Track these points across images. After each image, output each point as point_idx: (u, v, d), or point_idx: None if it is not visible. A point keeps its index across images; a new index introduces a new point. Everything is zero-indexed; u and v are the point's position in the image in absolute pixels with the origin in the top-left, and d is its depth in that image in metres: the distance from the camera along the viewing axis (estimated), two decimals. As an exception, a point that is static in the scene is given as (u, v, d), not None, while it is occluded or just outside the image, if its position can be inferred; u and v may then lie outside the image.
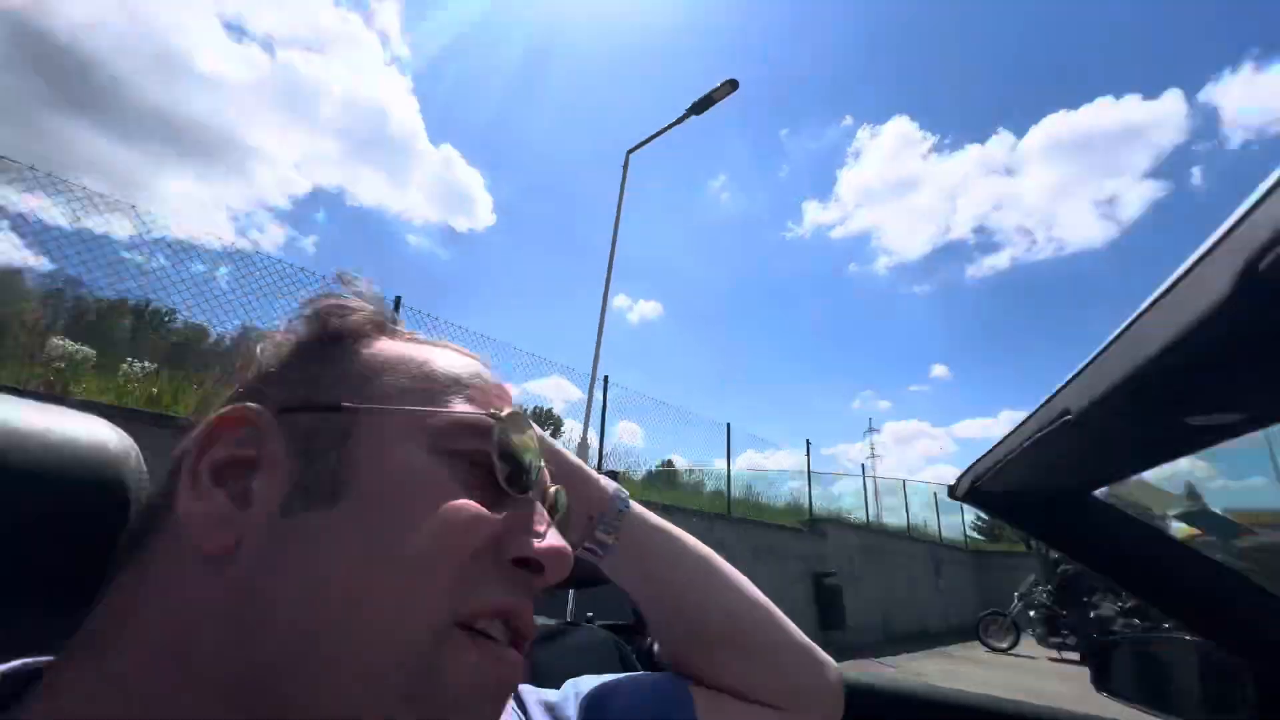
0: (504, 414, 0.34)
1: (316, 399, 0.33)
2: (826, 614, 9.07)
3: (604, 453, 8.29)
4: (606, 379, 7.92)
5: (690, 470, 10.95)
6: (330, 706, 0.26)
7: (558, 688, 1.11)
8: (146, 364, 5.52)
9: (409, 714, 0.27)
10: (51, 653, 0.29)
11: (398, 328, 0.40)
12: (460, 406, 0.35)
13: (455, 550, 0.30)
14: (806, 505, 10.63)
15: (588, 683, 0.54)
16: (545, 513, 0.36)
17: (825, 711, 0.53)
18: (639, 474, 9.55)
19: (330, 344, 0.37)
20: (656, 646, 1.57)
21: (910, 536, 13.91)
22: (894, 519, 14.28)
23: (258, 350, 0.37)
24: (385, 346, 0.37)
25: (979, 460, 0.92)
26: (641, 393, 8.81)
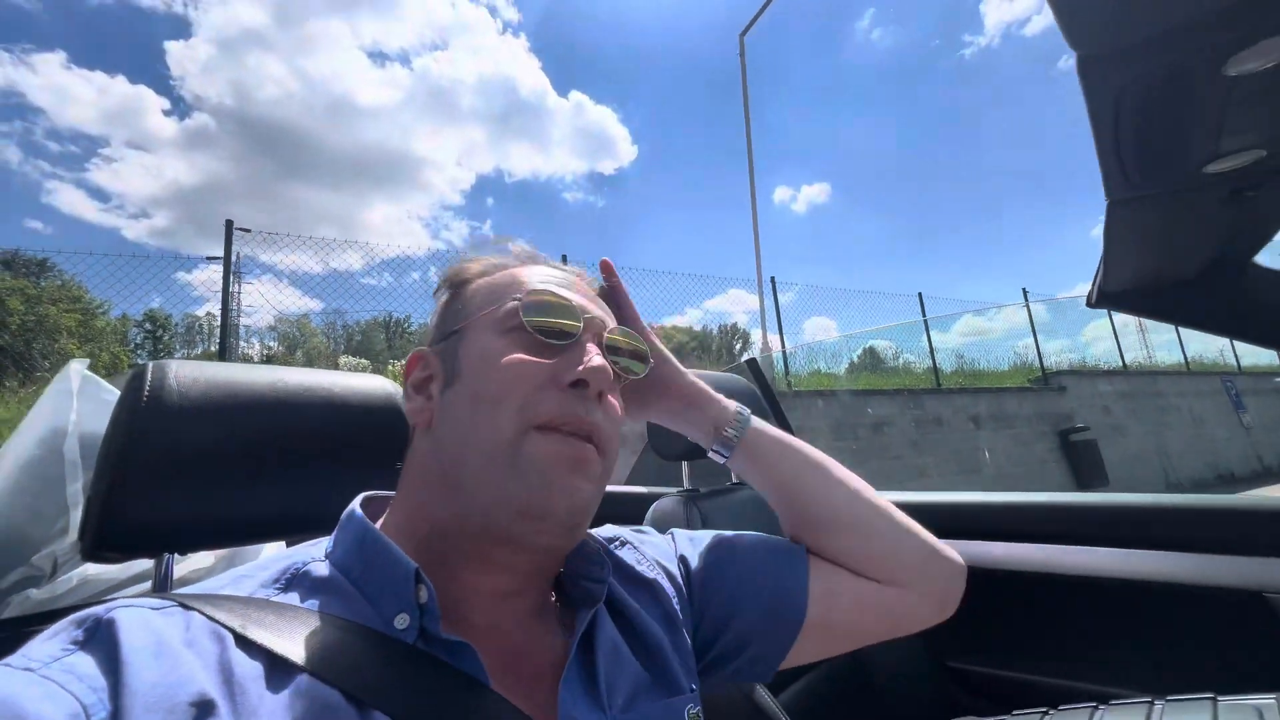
0: (524, 296, 0.49)
1: (443, 330, 0.53)
2: (1082, 473, 8.13)
3: (788, 352, 8.25)
4: (774, 280, 7.79)
5: (896, 351, 10.32)
6: (474, 480, 0.44)
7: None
8: (402, 362, 7.02)
9: (514, 479, 0.43)
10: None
11: (512, 263, 0.56)
12: (510, 303, 0.50)
13: (516, 384, 0.45)
14: (1035, 363, 9.40)
15: (703, 535, 0.66)
16: (594, 349, 0.49)
17: (937, 587, 0.61)
18: (841, 367, 9.30)
19: (454, 296, 0.55)
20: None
21: (1192, 372, 11.48)
22: (1168, 356, 11.86)
23: (430, 321, 0.59)
24: (484, 282, 0.54)
25: (1110, 256, 0.88)
26: (818, 284, 8.49)
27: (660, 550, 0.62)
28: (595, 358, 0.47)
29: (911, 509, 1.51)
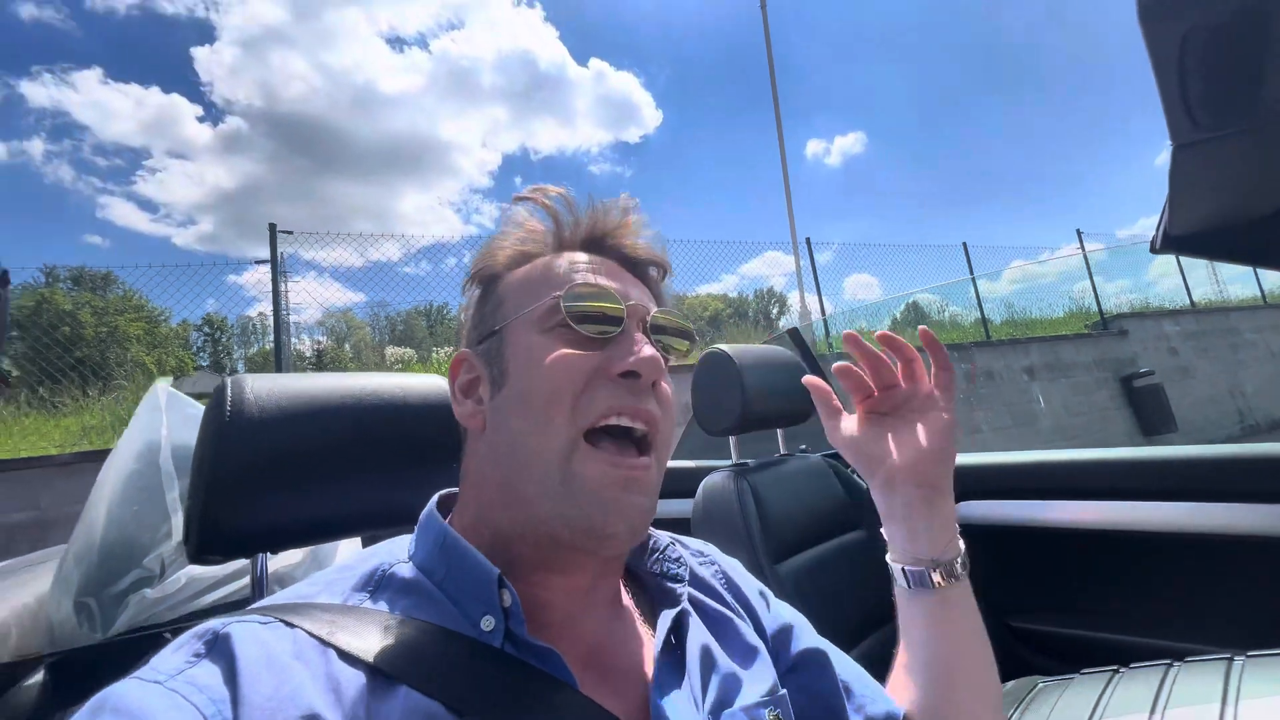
0: (563, 290, 0.46)
1: (483, 331, 0.51)
2: (1148, 420, 7.75)
3: (828, 314, 8.09)
4: (809, 241, 7.60)
5: (941, 305, 9.96)
6: (533, 492, 0.43)
7: (778, 508, 1.33)
8: (449, 349, 7.20)
9: (569, 501, 0.42)
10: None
11: (542, 248, 0.52)
12: (549, 295, 0.47)
13: (566, 381, 0.44)
14: (1093, 308, 8.93)
15: (786, 611, 0.61)
16: (641, 336, 0.47)
17: None
18: (883, 324, 9.07)
19: (486, 292, 0.53)
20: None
21: (1269, 305, 10.69)
22: (1243, 290, 11.06)
23: (461, 316, 0.57)
24: (517, 277, 0.51)
25: (1175, 200, 0.83)
26: (856, 241, 8.24)
27: (744, 578, 0.61)
28: (646, 346, 0.46)
29: (971, 471, 1.49)
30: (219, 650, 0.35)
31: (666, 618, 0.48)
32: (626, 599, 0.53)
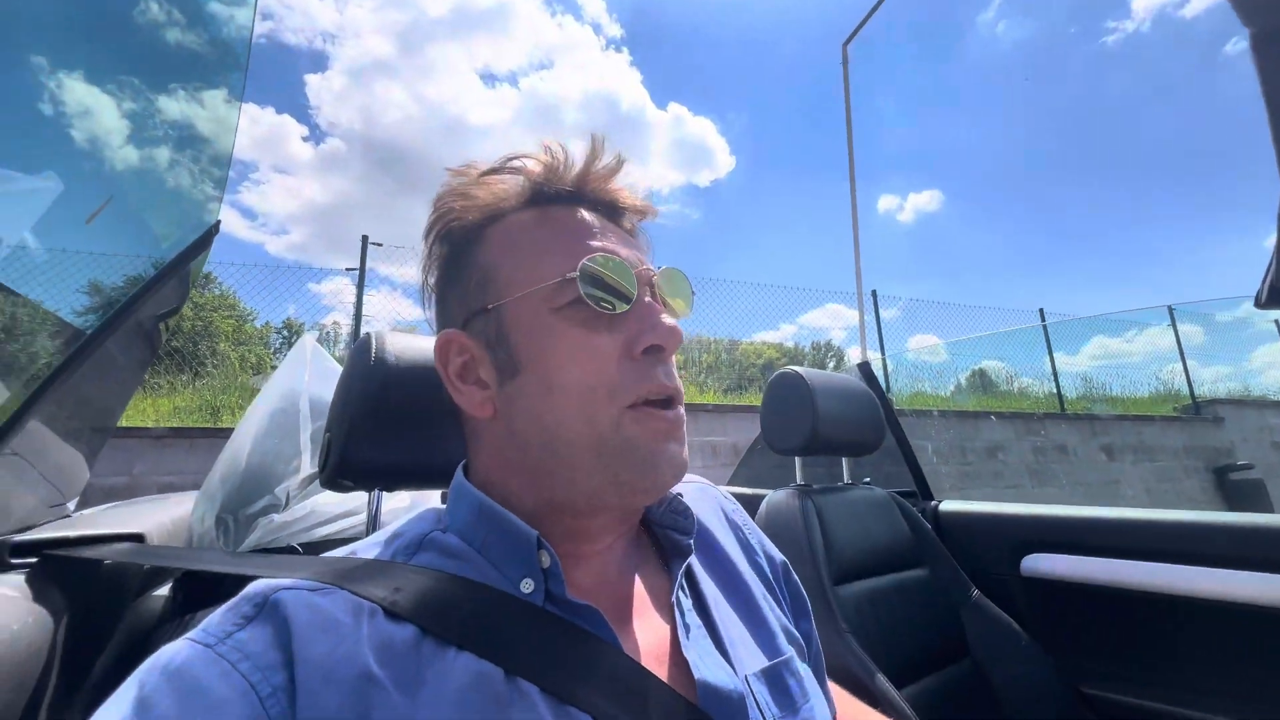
0: (577, 268, 0.42)
1: (470, 309, 0.46)
2: (1243, 518, 7.05)
3: (889, 372, 7.89)
4: (875, 294, 7.50)
5: (1010, 375, 9.52)
6: (574, 469, 0.42)
7: (841, 532, 1.33)
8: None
9: (620, 463, 0.42)
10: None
11: (517, 189, 0.47)
12: (554, 270, 0.43)
13: (595, 370, 0.42)
14: (1184, 390, 8.33)
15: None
16: (655, 303, 0.45)
17: None
18: (946, 389, 8.74)
19: (456, 253, 0.48)
20: (943, 506, 1.68)
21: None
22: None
23: (424, 276, 0.50)
24: (499, 235, 0.46)
25: None
26: (924, 298, 8.09)
27: (765, 538, 0.62)
28: (663, 316, 0.44)
29: (1045, 522, 1.44)
30: (268, 614, 0.35)
31: (676, 569, 0.48)
32: (645, 546, 0.53)
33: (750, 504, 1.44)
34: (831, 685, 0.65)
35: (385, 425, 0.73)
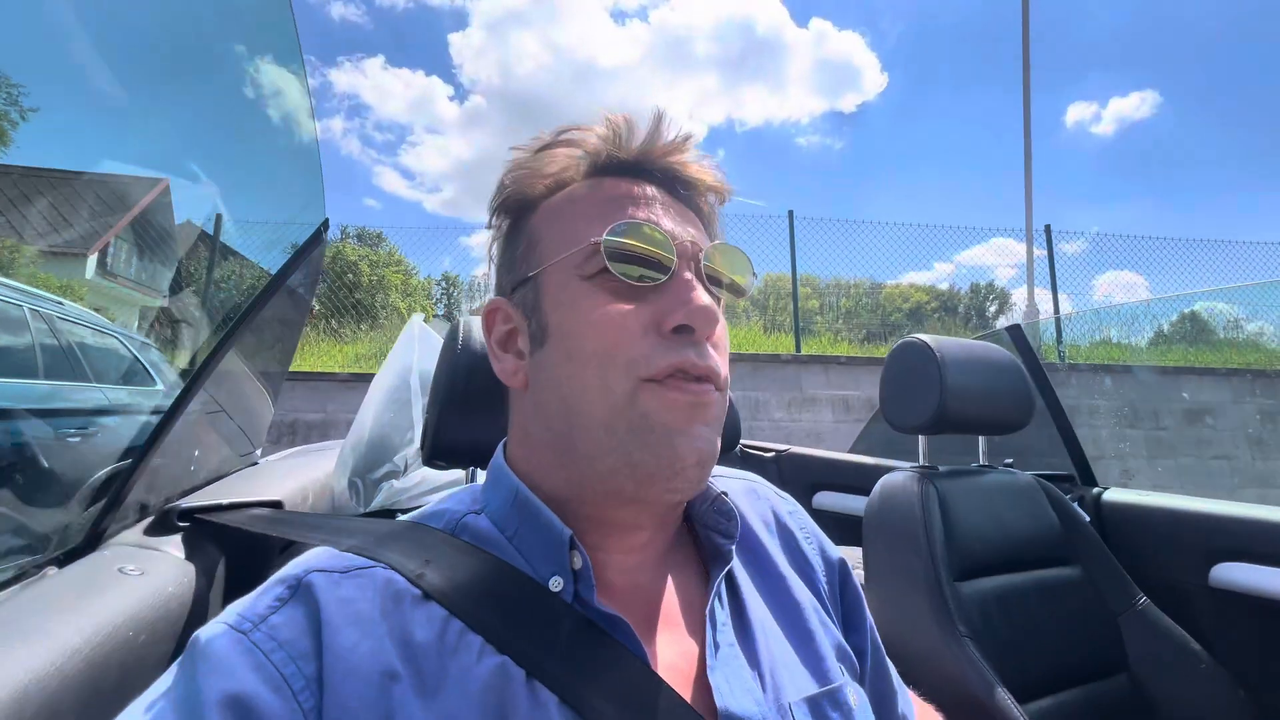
0: (603, 234, 0.41)
1: (516, 277, 0.46)
2: None
3: (1066, 317, 6.82)
4: (1048, 229, 6.44)
5: (1233, 319, 7.76)
6: (592, 447, 0.41)
7: (967, 521, 1.19)
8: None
9: (635, 441, 0.39)
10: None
11: (576, 164, 0.47)
12: (586, 237, 0.42)
13: (616, 340, 0.40)
14: None
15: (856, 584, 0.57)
16: (694, 283, 0.42)
17: None
18: (1142, 337, 7.37)
19: (515, 225, 0.48)
20: (1107, 495, 1.45)
21: None
22: None
23: (489, 252, 0.52)
24: (550, 204, 0.46)
25: None
26: (1124, 232, 6.80)
27: (825, 539, 0.57)
28: (699, 294, 0.41)
29: (1243, 525, 1.18)
30: (302, 596, 0.36)
31: (715, 577, 0.46)
32: (687, 548, 0.50)
33: (874, 475, 1.34)
34: (916, 701, 0.60)
35: (473, 408, 0.77)
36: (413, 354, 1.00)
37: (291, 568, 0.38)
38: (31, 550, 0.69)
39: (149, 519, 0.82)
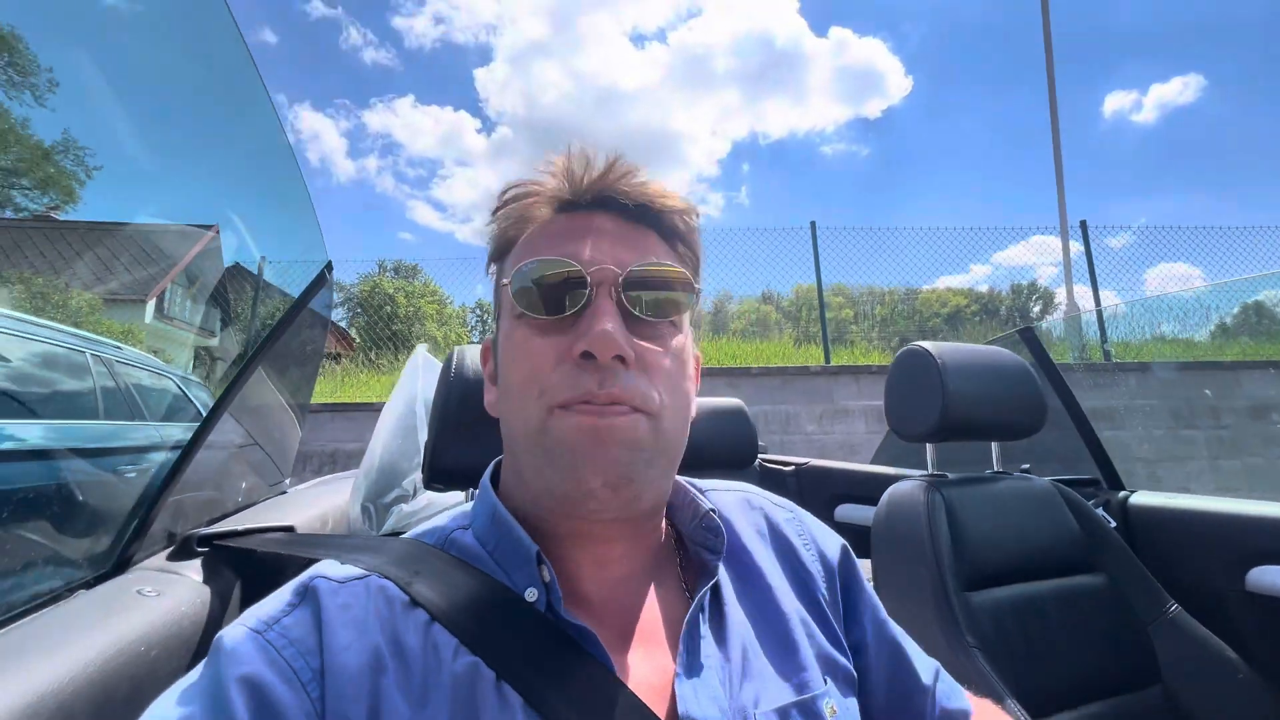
0: (507, 280, 0.46)
1: (495, 316, 0.52)
2: None
3: (1115, 312, 6.52)
4: (1084, 224, 6.22)
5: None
6: (526, 471, 0.45)
7: (978, 529, 1.17)
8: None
9: (549, 465, 0.43)
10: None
11: (524, 213, 0.50)
12: (504, 285, 0.47)
13: (531, 371, 0.44)
14: None
15: (858, 573, 0.58)
16: (603, 309, 0.43)
17: None
18: (1201, 330, 6.95)
19: (497, 274, 0.52)
20: (1134, 499, 1.39)
21: None
22: None
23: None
24: (513, 253, 0.50)
25: None
26: (1161, 223, 6.51)
27: (825, 540, 0.58)
28: (599, 322, 0.42)
29: (1273, 525, 1.12)
30: (308, 600, 0.41)
31: (701, 590, 0.47)
32: (671, 563, 0.52)
33: (883, 485, 1.31)
34: (976, 702, 0.59)
35: (467, 433, 0.81)
36: (417, 383, 1.06)
37: (301, 577, 0.43)
38: (66, 575, 0.76)
39: (173, 546, 0.89)
